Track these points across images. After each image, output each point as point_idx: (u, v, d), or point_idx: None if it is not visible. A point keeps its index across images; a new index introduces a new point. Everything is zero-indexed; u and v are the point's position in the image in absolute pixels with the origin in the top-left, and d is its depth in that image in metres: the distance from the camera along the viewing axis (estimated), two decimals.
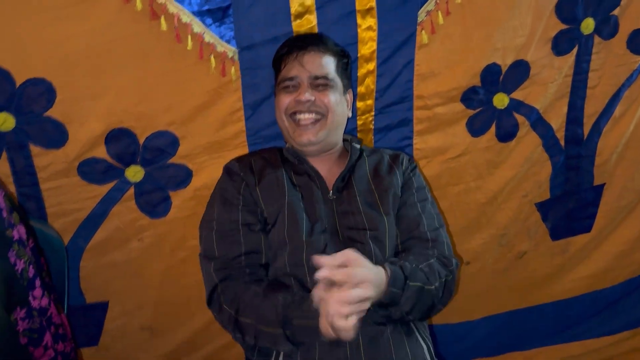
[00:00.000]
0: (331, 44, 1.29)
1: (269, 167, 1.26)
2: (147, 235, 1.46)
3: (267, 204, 1.20)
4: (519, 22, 1.48)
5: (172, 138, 1.38)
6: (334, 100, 1.24)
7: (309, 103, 1.22)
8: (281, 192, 1.21)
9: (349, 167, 1.27)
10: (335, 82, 1.26)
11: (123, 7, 1.23)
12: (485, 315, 1.85)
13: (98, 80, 1.29)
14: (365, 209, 1.22)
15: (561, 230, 1.77)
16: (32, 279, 1.12)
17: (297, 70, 1.23)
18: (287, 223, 1.17)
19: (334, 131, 1.28)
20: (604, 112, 1.67)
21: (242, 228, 1.19)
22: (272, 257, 1.19)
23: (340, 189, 1.25)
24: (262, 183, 1.23)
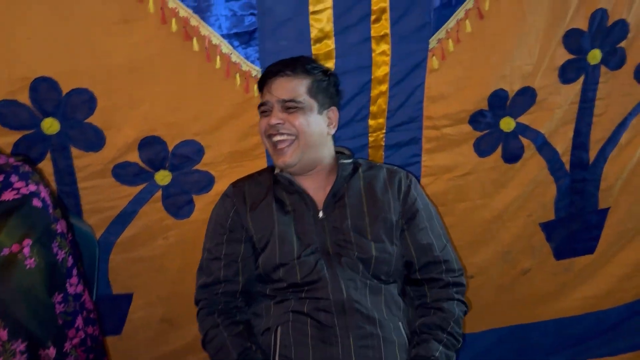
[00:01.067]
0: (305, 66, 1.32)
1: (261, 194, 1.35)
2: (171, 234, 1.59)
3: (256, 230, 1.31)
4: (526, 51, 1.56)
5: (198, 147, 1.51)
6: (304, 121, 1.28)
7: (279, 126, 1.28)
8: (270, 221, 1.31)
9: (338, 185, 1.33)
10: (307, 103, 1.30)
11: (161, 27, 1.37)
12: (488, 328, 1.91)
13: (135, 92, 1.42)
14: (354, 232, 1.29)
15: (565, 250, 1.83)
16: (70, 268, 1.25)
17: (268, 95, 1.32)
18: (278, 250, 1.28)
19: (310, 151, 1.31)
20: (610, 139, 1.73)
21: (224, 258, 1.32)
22: (266, 276, 1.30)
23: (332, 207, 1.32)
24: (252, 211, 1.33)
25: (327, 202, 1.33)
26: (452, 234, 1.72)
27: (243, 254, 1.33)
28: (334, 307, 1.23)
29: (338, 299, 1.23)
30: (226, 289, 1.32)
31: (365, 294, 1.26)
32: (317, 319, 1.23)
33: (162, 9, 1.35)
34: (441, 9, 1.49)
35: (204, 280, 1.34)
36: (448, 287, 1.32)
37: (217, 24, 1.39)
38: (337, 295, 1.24)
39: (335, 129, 1.38)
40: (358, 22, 1.46)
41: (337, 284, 1.25)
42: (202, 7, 1.37)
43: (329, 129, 1.36)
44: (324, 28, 1.45)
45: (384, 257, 1.29)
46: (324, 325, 1.22)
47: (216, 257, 1.33)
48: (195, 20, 1.37)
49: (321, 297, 1.24)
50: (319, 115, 1.32)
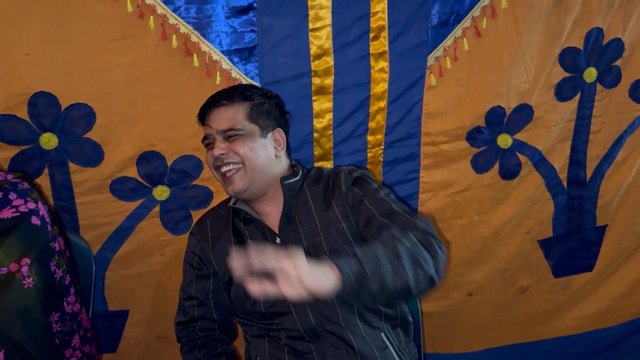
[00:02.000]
0: (242, 92, 1.29)
1: (222, 227, 1.33)
2: (168, 250, 1.58)
3: (219, 266, 1.31)
4: (523, 69, 1.58)
5: (196, 162, 1.51)
6: (247, 148, 1.24)
7: (223, 156, 1.24)
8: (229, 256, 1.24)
9: (287, 207, 1.27)
10: (247, 129, 1.25)
11: (161, 44, 1.38)
12: (487, 347, 1.89)
13: (134, 108, 1.43)
14: (311, 252, 1.22)
15: (563, 268, 1.83)
16: (67, 286, 1.24)
17: (208, 129, 1.28)
18: (241, 285, 1.20)
19: (258, 176, 1.25)
20: (607, 157, 1.74)
21: (196, 297, 1.33)
22: (239, 308, 1.28)
23: (287, 230, 1.27)
24: (213, 247, 1.32)
25: (282, 226, 1.27)
26: (449, 250, 1.74)
27: (213, 290, 1.33)
28: (305, 335, 1.21)
29: (307, 325, 1.21)
30: (203, 326, 1.33)
31: (337, 313, 1.21)
32: (293, 347, 1.22)
33: (162, 25, 1.36)
34: (439, 27, 1.51)
35: (181, 319, 1.35)
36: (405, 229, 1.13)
37: (218, 40, 1.40)
38: (304, 322, 1.21)
39: (284, 150, 1.32)
40: (357, 39, 1.48)
41: (303, 311, 1.21)
42: (202, 23, 1.38)
43: (277, 151, 1.30)
44: (323, 45, 1.46)
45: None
46: (301, 352, 1.21)
47: (189, 297, 1.34)
48: (196, 36, 1.38)
49: (290, 327, 1.22)
50: (262, 139, 1.28)
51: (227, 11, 1.39)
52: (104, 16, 1.35)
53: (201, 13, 1.38)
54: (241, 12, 1.40)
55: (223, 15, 1.40)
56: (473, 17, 1.51)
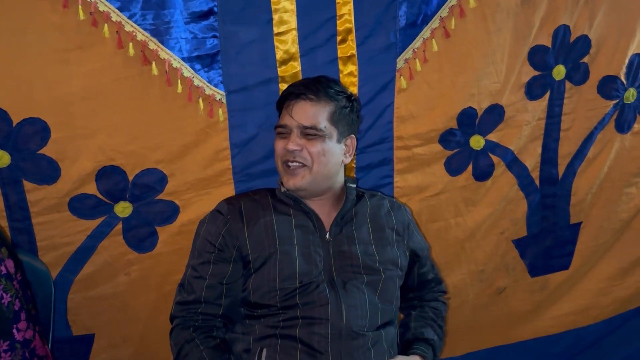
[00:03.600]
0: (329, 91, 1.27)
1: (260, 211, 1.28)
2: (134, 269, 1.50)
3: (254, 249, 1.24)
4: (493, 69, 1.57)
5: (160, 175, 1.43)
6: (321, 150, 1.24)
7: (296, 152, 1.24)
8: (271, 239, 1.24)
9: (346, 209, 1.29)
10: (327, 131, 1.25)
11: (117, 52, 1.31)
12: (467, 351, 1.87)
13: (91, 121, 1.35)
14: (363, 253, 1.26)
15: (539, 267, 1.82)
16: (17, 312, 1.16)
17: (288, 119, 1.26)
18: (279, 271, 1.21)
19: (322, 179, 1.27)
20: (578, 154, 1.74)
21: (209, 279, 1.25)
22: (259, 298, 1.23)
23: (339, 230, 1.28)
24: (250, 228, 1.26)
25: (335, 224, 1.28)
26: None
27: (230, 276, 1.25)
28: (330, 331, 1.17)
29: (337, 324, 1.18)
30: (206, 310, 1.25)
31: (365, 322, 1.21)
32: (308, 344, 1.17)
33: (118, 33, 1.29)
34: (407, 28, 1.48)
35: (184, 298, 1.27)
36: (435, 292, 1.45)
37: (177, 47, 1.34)
38: (336, 319, 1.18)
39: (350, 158, 1.35)
40: (324, 43, 1.44)
41: (338, 308, 1.19)
42: (160, 30, 1.32)
43: (344, 157, 1.32)
44: (289, 50, 1.41)
45: (389, 285, 1.28)
46: (316, 350, 1.16)
47: (200, 276, 1.25)
48: (154, 43, 1.32)
49: (319, 317, 1.18)
50: (337, 144, 1.28)
51: (187, 16, 1.33)
52: (56, 25, 1.27)
53: (159, 19, 1.31)
54: (201, 17, 1.34)
55: (182, 21, 1.33)
56: (441, 17, 1.48)
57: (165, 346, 1.58)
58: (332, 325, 1.18)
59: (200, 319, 1.25)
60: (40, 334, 1.25)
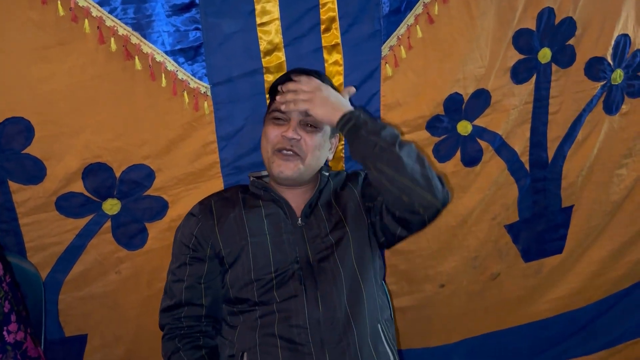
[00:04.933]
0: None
1: (229, 207, 1.28)
2: (124, 267, 1.49)
3: (225, 244, 1.24)
4: (478, 54, 1.56)
5: (147, 171, 1.42)
6: (318, 144, 1.25)
7: (294, 141, 1.23)
8: (242, 232, 1.24)
9: (315, 195, 1.30)
10: (324, 126, 1.26)
11: (99, 48, 1.29)
12: (463, 337, 1.87)
13: (75, 118, 1.34)
14: (332, 228, 1.26)
15: (532, 251, 1.82)
16: (7, 314, 1.14)
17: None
18: (252, 263, 1.21)
19: (310, 172, 1.28)
20: (567, 136, 1.73)
21: (187, 280, 1.25)
22: (237, 292, 1.23)
23: (308, 215, 1.28)
24: (221, 224, 1.26)
25: (305, 210, 1.28)
26: (419, 243, 1.71)
27: (207, 274, 1.25)
28: (308, 321, 1.16)
29: (313, 313, 1.17)
30: (189, 313, 1.25)
31: (342, 302, 1.19)
32: (289, 338, 1.16)
33: (99, 28, 1.28)
34: (390, 15, 1.47)
35: (167, 304, 1.27)
36: None
37: (160, 40, 1.32)
38: (312, 308, 1.17)
39: (332, 155, 1.37)
40: (308, 32, 1.42)
41: (313, 296, 1.18)
42: (142, 23, 1.30)
43: (329, 154, 1.35)
44: (273, 40, 1.40)
45: (362, 248, 1.27)
46: (297, 343, 1.15)
47: (179, 279, 1.26)
48: (136, 37, 1.30)
49: (294, 308, 1.17)
50: (329, 140, 1.32)
51: (168, 9, 1.31)
52: (36, 22, 1.25)
53: (140, 13, 1.29)
54: (183, 9, 1.32)
55: (164, 14, 1.32)
56: (424, 3, 1.47)
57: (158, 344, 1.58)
58: (308, 314, 1.17)
59: (185, 325, 1.25)
60: (32, 335, 1.23)
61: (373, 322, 1.22)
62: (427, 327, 1.83)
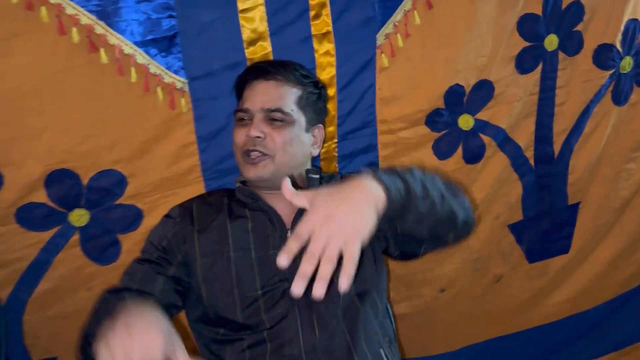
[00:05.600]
0: (297, 73, 1.18)
1: (212, 213, 1.16)
2: (96, 283, 1.35)
3: (204, 254, 1.11)
4: (480, 42, 1.43)
5: (119, 177, 1.28)
6: (288, 139, 1.13)
7: (258, 140, 1.11)
8: (224, 244, 1.11)
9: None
10: (296, 117, 1.15)
11: (59, 40, 1.15)
12: (466, 344, 1.77)
13: (34, 120, 1.19)
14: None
15: (537, 252, 1.71)
16: None
17: (250, 101, 1.14)
18: (236, 278, 1.08)
19: (286, 170, 1.14)
20: (574, 129, 1.62)
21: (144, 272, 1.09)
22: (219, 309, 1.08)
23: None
24: (201, 231, 1.13)
25: (296, 220, 1.13)
26: None
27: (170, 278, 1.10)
28: (303, 348, 1.03)
29: (309, 340, 1.04)
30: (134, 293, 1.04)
31: (340, 326, 1.06)
32: None
33: (58, 17, 1.13)
34: (386, 0, 1.34)
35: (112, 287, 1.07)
36: None
37: (129, 30, 1.18)
38: (307, 333, 1.04)
39: (319, 150, 1.24)
40: (296, 19, 1.29)
41: (308, 319, 1.05)
42: (107, 11, 1.16)
43: (312, 149, 1.21)
44: (257, 28, 1.27)
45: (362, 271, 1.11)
46: None
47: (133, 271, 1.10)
48: (101, 27, 1.16)
49: (289, 337, 1.04)
50: (305, 133, 1.18)
51: None
52: None
53: None
54: None
55: (133, 1, 1.17)
56: None
57: None
58: (304, 341, 1.04)
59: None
60: None
61: (375, 348, 1.09)
62: (428, 334, 1.72)
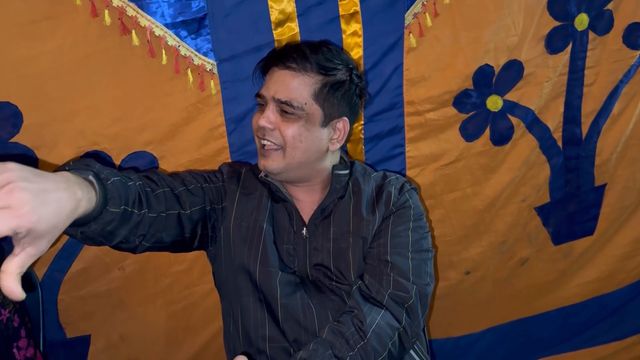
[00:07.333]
0: (322, 61, 1.08)
1: (257, 185, 1.16)
2: (128, 263, 1.37)
3: (238, 214, 1.12)
4: (510, 21, 1.41)
5: (150, 158, 1.29)
6: (297, 134, 1.06)
7: (266, 130, 1.07)
8: (260, 214, 1.12)
9: (328, 200, 1.13)
10: (307, 111, 1.06)
11: (91, 22, 1.15)
12: (489, 326, 1.78)
13: (68, 102, 1.20)
14: (334, 257, 1.10)
15: (563, 234, 1.70)
16: (17, 328, 1.04)
17: (265, 88, 1.10)
18: (261, 246, 1.09)
19: (298, 166, 1.09)
20: (602, 110, 1.60)
21: (175, 181, 1.05)
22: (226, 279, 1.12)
23: (318, 224, 1.13)
24: (242, 196, 1.14)
25: (314, 218, 1.13)
26: (442, 228, 1.59)
27: (191, 205, 1.05)
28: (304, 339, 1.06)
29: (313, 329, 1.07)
30: (146, 185, 0.97)
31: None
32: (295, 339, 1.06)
33: None
34: None
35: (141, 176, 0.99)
36: (383, 287, 1.04)
37: (159, 11, 1.18)
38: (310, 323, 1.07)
39: (341, 144, 1.14)
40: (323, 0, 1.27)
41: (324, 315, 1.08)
42: None
43: (330, 144, 1.12)
44: (285, 9, 1.26)
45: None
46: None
47: (168, 176, 1.06)
48: (132, 9, 1.16)
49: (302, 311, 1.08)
50: (321, 128, 1.09)
51: None
52: None
53: None
54: None
55: None
56: None
57: (168, 343, 1.48)
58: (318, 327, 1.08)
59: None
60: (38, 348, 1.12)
61: None
62: (452, 316, 1.73)
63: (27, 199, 0.60)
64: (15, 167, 0.62)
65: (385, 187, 1.16)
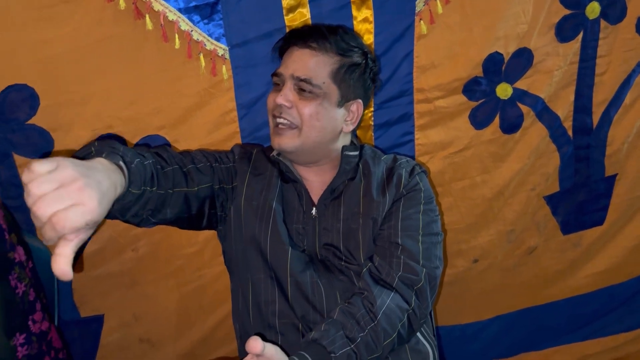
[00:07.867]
0: (340, 43, 1.11)
1: (267, 165, 1.19)
2: (141, 244, 1.41)
3: (248, 194, 1.14)
4: (520, 8, 1.41)
5: (163, 142, 1.32)
6: (314, 112, 1.08)
7: (284, 108, 1.09)
8: (270, 194, 1.15)
9: (338, 181, 1.15)
10: (325, 90, 1.09)
11: (106, 6, 1.18)
12: (496, 314, 1.78)
13: (83, 85, 1.23)
14: (344, 238, 1.12)
15: (572, 223, 1.70)
16: (32, 302, 1.08)
17: (284, 66, 1.12)
18: (272, 223, 1.11)
19: (312, 145, 1.12)
20: (614, 100, 1.59)
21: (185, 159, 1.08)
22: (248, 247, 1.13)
23: (327, 204, 1.15)
24: (253, 176, 1.16)
25: (323, 199, 1.15)
26: (451, 216, 1.60)
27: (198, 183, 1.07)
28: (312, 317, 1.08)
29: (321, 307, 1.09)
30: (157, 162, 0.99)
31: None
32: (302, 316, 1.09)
33: None
34: None
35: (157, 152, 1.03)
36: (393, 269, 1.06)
37: None
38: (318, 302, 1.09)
39: (353, 126, 1.17)
40: None
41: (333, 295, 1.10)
42: None
43: (345, 125, 1.15)
44: None
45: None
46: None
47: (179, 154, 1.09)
48: None
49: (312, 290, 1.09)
50: (337, 108, 1.12)
51: None
52: None
53: None
54: None
55: None
56: None
57: (179, 323, 1.51)
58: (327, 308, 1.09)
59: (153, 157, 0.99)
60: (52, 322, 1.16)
61: None
62: (459, 303, 1.74)
63: (95, 195, 0.66)
64: (69, 163, 0.66)
65: (395, 170, 1.17)
